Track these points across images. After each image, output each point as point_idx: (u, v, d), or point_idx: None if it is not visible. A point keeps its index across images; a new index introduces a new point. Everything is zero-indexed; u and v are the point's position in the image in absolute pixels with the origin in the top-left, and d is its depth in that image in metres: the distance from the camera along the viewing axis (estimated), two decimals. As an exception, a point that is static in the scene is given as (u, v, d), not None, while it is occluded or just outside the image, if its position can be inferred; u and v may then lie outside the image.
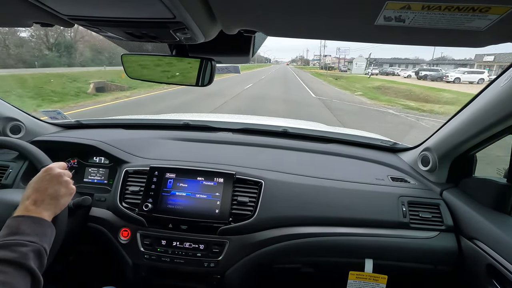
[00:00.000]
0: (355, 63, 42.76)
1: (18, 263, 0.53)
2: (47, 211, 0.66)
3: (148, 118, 1.73)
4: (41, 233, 0.61)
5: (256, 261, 1.02)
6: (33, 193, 0.67)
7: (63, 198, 0.72)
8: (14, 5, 0.49)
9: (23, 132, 1.33)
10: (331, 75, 36.23)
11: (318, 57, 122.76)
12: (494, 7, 0.37)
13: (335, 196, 1.09)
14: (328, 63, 79.59)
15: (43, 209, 0.65)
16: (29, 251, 0.56)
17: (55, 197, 0.69)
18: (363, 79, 28.27)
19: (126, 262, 1.04)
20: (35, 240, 0.58)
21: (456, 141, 1.03)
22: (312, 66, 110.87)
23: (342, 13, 0.43)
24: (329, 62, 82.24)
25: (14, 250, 0.54)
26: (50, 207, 0.67)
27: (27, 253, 0.55)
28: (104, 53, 29.40)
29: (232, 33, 0.55)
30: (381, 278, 1.02)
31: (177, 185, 1.07)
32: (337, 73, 43.40)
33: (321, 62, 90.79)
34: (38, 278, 0.55)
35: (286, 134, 1.49)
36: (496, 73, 9.40)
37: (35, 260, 0.56)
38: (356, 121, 7.74)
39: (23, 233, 0.58)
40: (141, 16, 0.47)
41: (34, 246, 0.57)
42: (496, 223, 0.89)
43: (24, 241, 0.56)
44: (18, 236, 0.57)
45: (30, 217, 0.62)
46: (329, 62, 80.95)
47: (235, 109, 8.47)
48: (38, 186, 0.69)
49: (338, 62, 69.70)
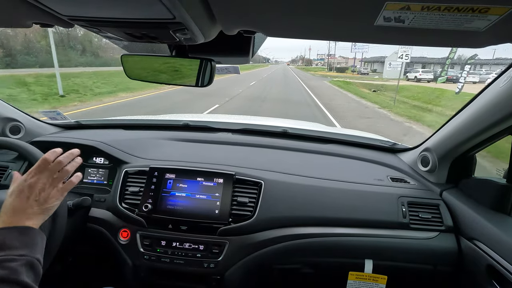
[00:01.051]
0: (388, 63, 26.47)
1: (10, 280, 0.49)
2: (32, 220, 0.60)
3: (148, 118, 1.73)
4: (31, 243, 0.56)
5: (256, 262, 1.02)
6: (14, 204, 0.61)
7: (46, 204, 0.64)
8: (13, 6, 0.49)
9: (23, 132, 1.33)
10: (360, 82, 22.42)
11: (321, 56, 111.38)
12: (494, 8, 0.37)
13: (334, 196, 1.09)
14: (333, 62, 71.74)
15: (26, 219, 0.60)
16: (20, 265, 0.52)
17: (37, 205, 0.62)
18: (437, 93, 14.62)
19: (126, 262, 1.04)
20: (25, 252, 0.54)
21: (455, 142, 1.03)
22: (315, 66, 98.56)
23: (342, 13, 0.43)
24: (333, 61, 74.00)
25: (3, 266, 0.50)
26: (33, 215, 0.61)
27: (18, 268, 0.51)
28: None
29: (232, 34, 0.55)
30: (381, 278, 1.02)
31: (177, 186, 1.07)
32: (358, 78, 31.06)
33: (326, 62, 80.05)
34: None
35: (285, 135, 1.49)
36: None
37: (28, 273, 0.52)
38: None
39: (11, 247, 0.53)
40: (141, 16, 0.47)
41: (25, 259, 0.53)
42: (496, 223, 0.89)
43: (13, 256, 0.52)
44: (5, 252, 0.52)
45: (15, 228, 0.57)
46: (333, 62, 72.38)
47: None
48: (18, 197, 0.62)
49: (355, 63, 55.44)
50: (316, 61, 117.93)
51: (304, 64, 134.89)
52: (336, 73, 43.72)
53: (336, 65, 66.09)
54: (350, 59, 67.82)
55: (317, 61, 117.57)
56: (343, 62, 72.77)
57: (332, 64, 67.25)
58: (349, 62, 68.34)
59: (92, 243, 1.17)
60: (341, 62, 72.64)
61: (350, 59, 69.07)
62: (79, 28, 0.57)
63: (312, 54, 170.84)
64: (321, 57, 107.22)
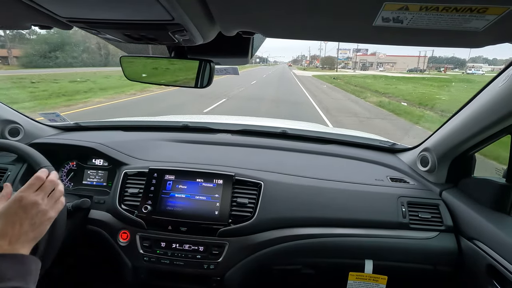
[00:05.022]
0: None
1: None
2: (26, 247, 0.57)
3: (147, 120, 1.73)
4: (25, 273, 0.53)
5: (256, 263, 1.02)
6: (6, 228, 0.56)
7: (42, 227, 0.61)
8: (11, 7, 0.49)
9: (22, 134, 1.33)
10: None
11: (344, 52, 70.40)
12: (492, 8, 0.37)
13: (334, 197, 1.09)
14: (363, 61, 49.26)
15: (21, 246, 0.56)
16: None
17: (32, 229, 0.59)
18: None
19: (126, 264, 1.03)
20: (19, 284, 0.51)
21: (455, 141, 1.03)
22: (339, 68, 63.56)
23: (340, 14, 0.43)
24: (364, 60, 51.99)
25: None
26: (27, 241, 0.57)
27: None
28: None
29: (230, 35, 0.55)
30: (381, 278, 1.02)
31: (177, 187, 1.07)
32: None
33: (355, 62, 51.81)
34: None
35: (285, 135, 1.49)
36: None
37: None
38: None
39: (4, 278, 0.50)
40: (140, 18, 0.47)
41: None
42: (495, 223, 0.89)
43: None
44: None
45: (9, 256, 0.53)
46: (364, 61, 50.37)
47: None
48: (11, 220, 0.57)
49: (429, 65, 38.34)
50: (343, 60, 77.15)
51: (323, 66, 74.89)
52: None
53: (388, 66, 42.34)
54: (399, 56, 45.85)
55: (343, 60, 78.53)
56: (390, 62, 50.42)
57: (364, 64, 44.25)
58: (398, 62, 46.58)
59: (91, 245, 1.17)
60: (387, 62, 50.19)
61: (399, 57, 46.40)
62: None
63: (329, 50, 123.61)
64: (344, 52, 69.96)
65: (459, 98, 12.10)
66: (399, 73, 41.30)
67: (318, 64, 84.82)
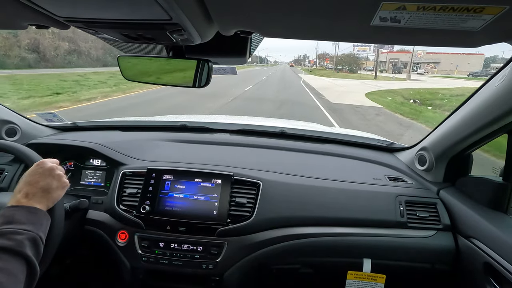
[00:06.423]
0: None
1: (14, 250, 0.53)
2: (39, 204, 0.66)
3: (145, 119, 1.72)
4: (37, 222, 0.62)
5: (255, 262, 1.02)
6: (25, 186, 0.67)
7: (56, 192, 0.72)
8: (8, 7, 0.49)
9: (19, 135, 1.32)
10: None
11: (363, 50, 49.91)
12: (488, 8, 0.37)
13: (332, 196, 1.09)
14: (394, 61, 38.64)
15: (35, 201, 0.66)
16: (25, 239, 0.56)
17: (47, 190, 0.69)
18: None
19: (124, 264, 1.03)
20: (30, 228, 0.59)
21: (452, 141, 1.04)
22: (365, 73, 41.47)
23: (338, 14, 0.43)
24: (395, 60, 40.76)
25: (10, 238, 0.55)
26: (42, 199, 0.67)
27: (23, 241, 0.56)
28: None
29: (228, 34, 0.55)
30: (379, 277, 1.03)
31: (175, 187, 1.06)
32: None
33: (379, 62, 36.79)
34: (34, 266, 0.56)
35: (283, 135, 1.49)
36: None
37: (31, 248, 0.57)
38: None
39: (18, 221, 0.59)
40: (138, 18, 0.47)
41: (30, 234, 0.58)
42: (492, 221, 0.90)
43: (20, 230, 0.57)
44: (13, 225, 0.57)
45: (24, 207, 0.63)
46: (395, 61, 39.52)
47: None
48: (30, 180, 0.69)
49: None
50: (360, 60, 53.16)
51: (334, 68, 52.81)
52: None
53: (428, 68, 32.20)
54: (443, 54, 35.39)
55: (360, 59, 53.68)
56: (431, 62, 40.13)
57: (397, 67, 34.24)
58: (442, 63, 36.54)
59: (90, 245, 1.16)
60: (428, 61, 40.22)
61: (443, 55, 35.88)
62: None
63: (344, 48, 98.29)
64: (363, 50, 47.68)
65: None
66: (455, 78, 30.52)
67: (328, 64, 68.32)
